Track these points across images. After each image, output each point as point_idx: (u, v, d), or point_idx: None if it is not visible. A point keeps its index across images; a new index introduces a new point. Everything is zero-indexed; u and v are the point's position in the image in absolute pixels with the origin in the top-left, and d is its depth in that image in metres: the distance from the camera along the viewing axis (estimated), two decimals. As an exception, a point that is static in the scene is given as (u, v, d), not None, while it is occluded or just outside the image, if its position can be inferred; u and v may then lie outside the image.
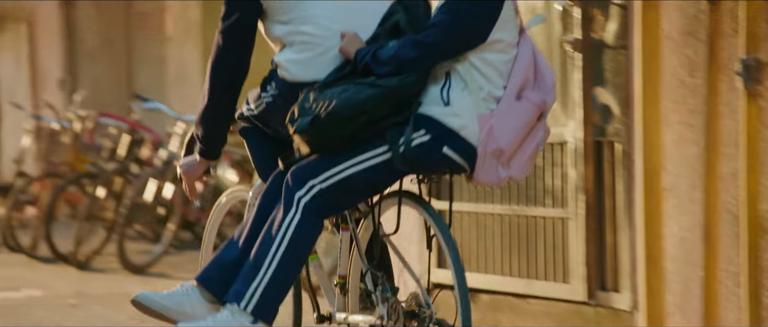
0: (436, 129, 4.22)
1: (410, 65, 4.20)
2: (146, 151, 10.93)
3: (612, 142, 6.24)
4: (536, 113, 4.29)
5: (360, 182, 4.30)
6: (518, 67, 4.27)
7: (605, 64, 6.24)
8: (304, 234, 4.27)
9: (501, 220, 6.86)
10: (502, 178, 4.29)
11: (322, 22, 4.38)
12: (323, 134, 4.22)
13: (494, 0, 4.22)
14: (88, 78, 15.71)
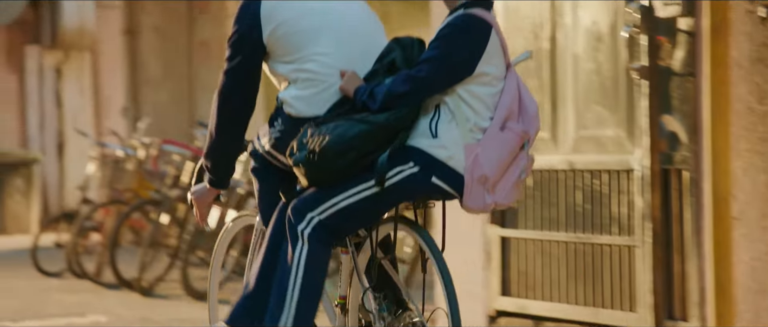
0: (424, 160, 4.45)
1: (403, 99, 4.42)
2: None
3: (679, 170, 6.15)
4: (519, 143, 4.50)
5: (356, 212, 4.52)
6: (504, 100, 4.50)
7: (672, 92, 6.15)
8: (315, 261, 4.50)
9: (566, 248, 6.77)
10: (488, 203, 4.48)
11: (324, 60, 4.59)
12: (318, 168, 4.44)
13: (480, 34, 4.43)
14: (150, 106, 15.77)
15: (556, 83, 6.88)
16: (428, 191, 4.51)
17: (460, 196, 4.49)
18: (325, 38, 4.63)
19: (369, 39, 4.67)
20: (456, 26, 4.46)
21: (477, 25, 4.46)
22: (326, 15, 4.65)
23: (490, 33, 4.48)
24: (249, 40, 4.65)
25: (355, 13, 4.71)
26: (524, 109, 4.55)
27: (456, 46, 4.42)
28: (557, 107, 6.88)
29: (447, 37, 4.44)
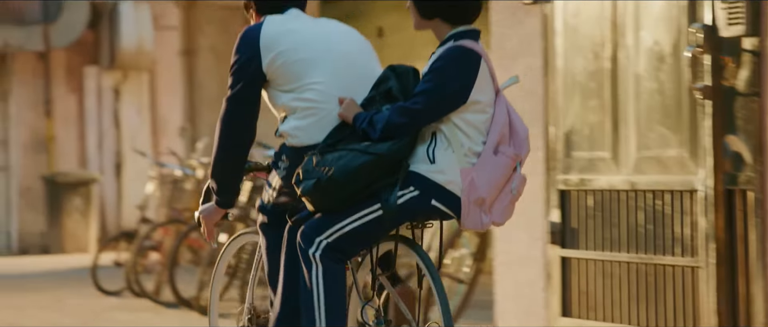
0: (424, 184, 4.70)
1: (401, 129, 4.67)
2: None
3: (744, 191, 6.05)
4: (512, 165, 4.75)
5: (361, 234, 4.77)
6: (495, 125, 4.74)
7: (736, 112, 6.06)
8: (332, 278, 4.75)
9: (628, 269, 6.68)
10: (485, 223, 4.75)
11: (321, 88, 4.81)
12: (325, 196, 4.69)
13: (471, 65, 4.66)
14: (207, 126, 15.79)
15: (618, 103, 6.80)
16: (428, 213, 4.76)
17: (457, 217, 4.74)
18: (322, 67, 4.84)
19: (364, 67, 4.90)
20: (448, 58, 4.68)
21: (468, 57, 4.68)
22: (323, 45, 4.87)
23: (480, 63, 4.70)
24: (249, 69, 4.85)
25: (350, 43, 4.96)
26: (515, 133, 4.78)
27: (449, 78, 4.64)
28: (618, 127, 6.80)
29: (440, 70, 4.65)
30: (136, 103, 19.80)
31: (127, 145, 19.81)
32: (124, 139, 19.79)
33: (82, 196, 18.31)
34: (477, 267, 8.81)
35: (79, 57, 19.34)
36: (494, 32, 7.63)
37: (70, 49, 19.13)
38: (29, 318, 10.42)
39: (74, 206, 18.27)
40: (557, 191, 7.20)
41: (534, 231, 7.34)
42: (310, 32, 4.90)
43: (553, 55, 7.21)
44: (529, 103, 7.36)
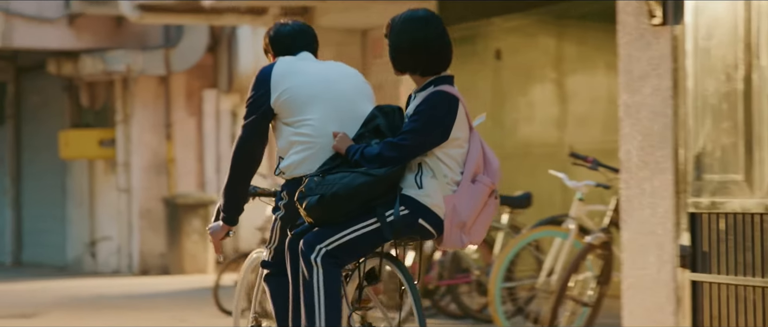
0: (414, 205, 5.33)
1: (392, 162, 5.28)
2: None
3: None
4: (488, 192, 5.37)
5: (357, 244, 5.37)
6: (471, 157, 5.37)
7: None
8: (331, 280, 5.35)
9: (763, 293, 6.48)
10: (464, 243, 5.41)
11: (316, 124, 5.44)
12: (328, 211, 5.30)
13: (451, 108, 5.31)
14: (325, 148, 15.77)
15: (751, 125, 6.62)
16: (414, 230, 5.38)
17: (439, 237, 5.40)
18: (320, 105, 5.47)
19: (356, 105, 5.51)
20: (431, 102, 5.32)
21: (448, 101, 5.33)
22: (323, 85, 5.51)
23: (458, 106, 5.35)
24: (260, 104, 5.51)
25: (349, 84, 5.58)
26: (488, 164, 5.42)
27: (433, 120, 5.28)
28: (752, 149, 6.61)
29: (425, 113, 5.29)
30: (253, 125, 19.91)
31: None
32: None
33: (201, 218, 18.42)
34: (601, 290, 8.66)
35: (199, 80, 19.49)
36: (622, 54, 7.49)
37: (190, 73, 19.28)
38: (154, 337, 10.47)
39: (193, 227, 18.38)
40: (687, 214, 7.02)
41: (663, 254, 7.17)
42: (314, 73, 5.54)
43: (683, 76, 7.05)
44: (658, 125, 7.20)
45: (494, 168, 5.41)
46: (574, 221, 9.00)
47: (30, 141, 22.06)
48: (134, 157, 19.15)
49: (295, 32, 5.72)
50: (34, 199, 22.03)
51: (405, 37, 5.42)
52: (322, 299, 5.31)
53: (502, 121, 13.09)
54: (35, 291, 16.00)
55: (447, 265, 10.67)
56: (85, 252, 20.21)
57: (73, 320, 12.05)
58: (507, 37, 13.06)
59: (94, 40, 18.76)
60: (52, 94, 21.11)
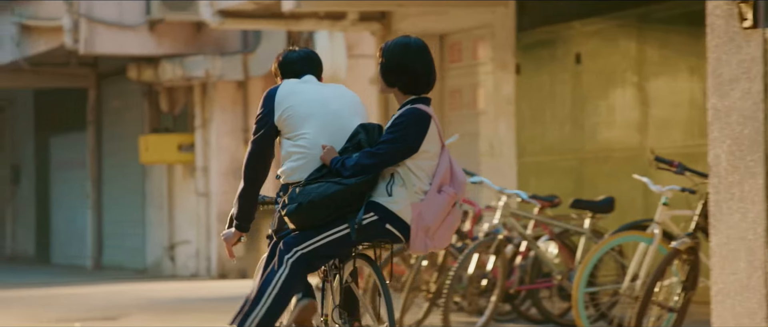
0: (382, 212, 5.96)
1: (368, 169, 5.94)
2: (467, 224, 10.75)
3: None
4: (451, 202, 5.99)
5: (328, 248, 6.02)
6: (439, 170, 5.98)
7: None
8: (288, 284, 6.00)
9: None
10: (428, 247, 6.00)
11: (311, 138, 6.13)
12: (305, 216, 5.98)
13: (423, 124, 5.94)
14: (403, 152, 15.71)
15: None
16: (382, 234, 6.00)
17: (406, 241, 5.99)
18: (314, 121, 6.16)
19: (348, 122, 6.17)
20: (406, 117, 5.97)
21: (421, 117, 5.96)
22: (319, 104, 6.19)
23: (430, 122, 5.98)
24: (266, 121, 6.23)
25: (343, 104, 6.25)
26: (455, 177, 6.03)
27: (406, 133, 5.92)
28: None
29: (400, 126, 5.94)
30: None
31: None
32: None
33: (279, 221, 18.42)
34: (687, 296, 8.52)
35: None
36: (711, 58, 7.35)
37: (268, 78, 19.29)
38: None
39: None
40: (778, 219, 6.87)
41: (754, 259, 7.03)
42: (312, 94, 6.24)
43: (775, 79, 6.90)
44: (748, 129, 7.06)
45: (460, 181, 6.06)
46: (658, 226, 8.86)
47: (110, 146, 22.22)
48: (213, 161, 19.21)
49: (301, 58, 6.46)
50: (115, 203, 22.18)
51: (394, 60, 6.05)
52: (274, 293, 6.00)
53: (582, 124, 12.96)
54: (116, 294, 16.09)
55: (528, 270, 10.57)
56: (164, 255, 20.31)
57: (155, 323, 12.08)
58: (587, 41, 12.92)
59: (173, 45, 18.85)
60: (132, 99, 21.25)
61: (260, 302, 5.97)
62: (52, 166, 25.08)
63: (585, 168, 13.00)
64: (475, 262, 10.25)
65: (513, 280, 10.54)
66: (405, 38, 6.12)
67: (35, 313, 13.05)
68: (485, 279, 10.29)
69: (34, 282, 19.11)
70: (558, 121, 13.28)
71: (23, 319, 12.51)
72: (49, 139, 24.99)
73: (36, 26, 20.05)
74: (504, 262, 10.18)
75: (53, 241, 25.02)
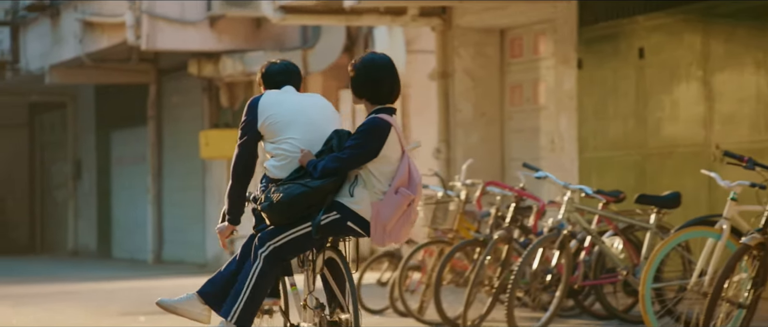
0: (343, 211, 6.68)
1: (333, 172, 6.66)
2: (531, 219, 10.66)
3: None
4: (406, 202, 6.64)
5: (297, 242, 6.78)
6: (399, 174, 6.64)
7: None
8: (264, 276, 6.76)
9: None
10: (386, 241, 6.65)
11: (293, 142, 6.87)
12: (276, 213, 6.74)
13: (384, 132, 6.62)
14: (463, 148, 15.64)
15: None
16: (344, 230, 6.73)
17: (367, 235, 6.68)
18: (294, 128, 6.90)
19: (323, 129, 6.91)
20: (368, 126, 6.65)
21: (382, 126, 6.64)
22: (298, 112, 6.94)
23: (390, 130, 6.64)
24: (250, 127, 6.93)
25: (318, 112, 7.00)
26: (412, 180, 6.67)
27: (367, 140, 6.62)
28: None
29: (362, 133, 6.64)
30: (389, 125, 19.82)
31: (380, 167, 19.85)
32: (377, 161, 19.82)
33: (338, 216, 18.38)
34: (757, 292, 8.39)
35: (335, 81, 19.47)
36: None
37: (327, 73, 19.28)
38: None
39: (330, 226, 18.35)
40: None
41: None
42: (291, 103, 6.97)
43: None
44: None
45: (416, 183, 6.71)
46: (727, 222, 8.73)
47: (170, 141, 22.29)
48: (272, 156, 19.19)
49: (282, 71, 7.16)
50: (175, 197, 22.25)
51: (362, 75, 6.76)
52: (251, 286, 6.76)
53: (645, 120, 12.83)
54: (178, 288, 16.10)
55: (592, 265, 10.47)
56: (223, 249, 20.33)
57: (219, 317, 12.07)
58: (650, 35, 12.78)
59: (233, 41, 18.87)
60: (192, 94, 21.30)
61: (240, 294, 6.77)
62: (113, 161, 25.20)
63: (648, 163, 12.86)
64: (540, 258, 10.16)
65: (577, 276, 10.45)
66: (372, 55, 6.82)
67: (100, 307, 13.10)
68: (549, 274, 10.20)
69: (97, 276, 19.21)
70: (621, 117, 13.14)
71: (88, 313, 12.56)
72: (110, 135, 25.12)
73: (99, 23, 20.13)
74: (569, 258, 10.08)
75: (114, 236, 25.15)
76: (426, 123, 19.62)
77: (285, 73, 7.15)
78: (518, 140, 15.29)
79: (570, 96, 13.83)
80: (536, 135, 14.82)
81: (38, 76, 22.97)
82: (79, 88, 25.79)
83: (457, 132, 15.65)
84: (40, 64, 22.72)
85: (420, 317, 11.07)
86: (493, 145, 15.55)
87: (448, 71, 15.71)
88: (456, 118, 15.65)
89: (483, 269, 10.43)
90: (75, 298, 14.92)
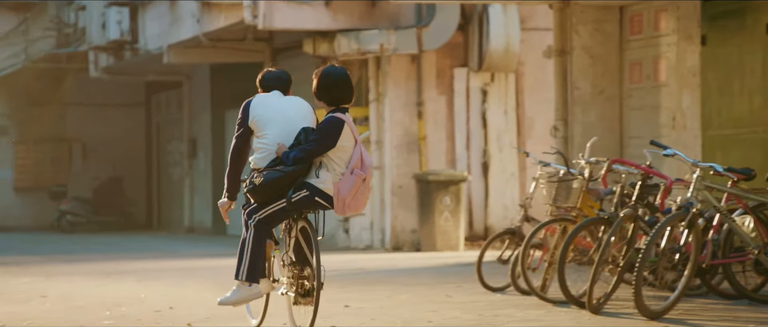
0: (312, 189, 8.43)
1: (301, 160, 8.40)
2: (658, 197, 10.37)
3: None
4: (360, 180, 8.43)
5: (276, 214, 8.55)
6: (352, 159, 8.44)
7: None
8: (257, 238, 8.52)
9: None
10: (346, 211, 8.45)
11: (271, 137, 8.53)
12: (258, 194, 8.50)
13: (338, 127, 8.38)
14: (582, 126, 15.36)
15: None
16: (313, 205, 8.48)
17: (331, 208, 8.45)
18: (273, 125, 8.55)
19: (297, 125, 8.55)
20: (326, 123, 8.44)
21: (337, 123, 8.42)
22: (278, 112, 8.58)
23: (343, 126, 8.41)
24: (243, 123, 8.63)
25: (297, 112, 8.63)
26: (364, 163, 8.48)
27: (327, 134, 8.42)
28: None
29: (323, 129, 8.44)
30: (502, 103, 19.59)
31: (494, 145, 19.62)
32: (491, 139, 19.61)
33: (452, 195, 18.22)
34: None
35: (449, 59, 19.29)
36: None
37: (441, 52, 19.10)
38: (429, 313, 10.28)
39: (444, 204, 18.20)
40: None
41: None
42: (274, 104, 8.61)
43: None
44: None
45: (367, 165, 8.51)
46: None
47: (284, 119, 22.26)
48: (386, 134, 19.08)
49: (274, 78, 8.80)
50: (289, 175, 22.21)
51: (322, 83, 8.52)
52: (250, 249, 8.53)
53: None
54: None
55: (721, 244, 10.17)
56: (339, 228, 20.28)
57: (340, 294, 12.00)
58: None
59: (349, 20, 18.75)
60: (306, 73, 21.20)
61: (244, 258, 8.54)
62: (228, 139, 25.25)
63: (775, 140, 12.50)
64: (667, 236, 9.88)
65: (705, 255, 10.15)
66: (330, 68, 8.59)
67: (220, 282, 13.07)
68: (677, 253, 9.91)
69: (214, 253, 19.27)
70: (747, 93, 12.78)
71: (214, 288, 12.55)
72: (225, 113, 25.18)
73: (216, 3, 20.15)
74: (698, 236, 9.78)
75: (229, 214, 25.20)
76: (540, 101, 19.37)
77: (277, 79, 8.82)
78: (637, 118, 14.97)
79: (693, 72, 13.49)
80: (656, 112, 14.49)
81: (156, 56, 23.10)
82: (194, 67, 25.90)
83: (574, 110, 15.37)
84: (158, 44, 22.84)
85: (543, 295, 10.86)
86: (611, 122, 15.25)
87: (566, 49, 15.42)
88: (574, 95, 15.36)
89: (608, 248, 10.17)
90: (197, 274, 14.95)
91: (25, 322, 10.08)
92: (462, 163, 19.36)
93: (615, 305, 10.24)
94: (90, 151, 30.59)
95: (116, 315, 10.49)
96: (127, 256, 19.01)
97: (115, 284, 13.61)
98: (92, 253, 20.09)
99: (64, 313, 10.69)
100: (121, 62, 25.07)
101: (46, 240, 25.14)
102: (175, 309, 10.86)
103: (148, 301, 11.65)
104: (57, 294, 12.49)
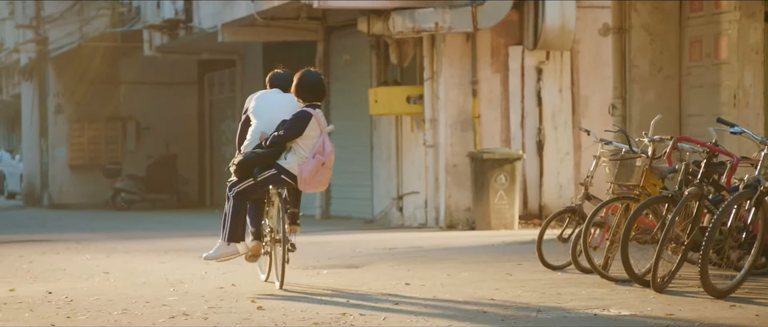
0: (280, 169, 10.35)
1: (276, 145, 10.31)
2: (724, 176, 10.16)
3: None
4: (320, 163, 10.31)
5: (251, 188, 10.44)
6: (316, 146, 10.31)
7: None
8: (237, 208, 10.45)
9: None
10: (307, 188, 10.41)
11: (260, 126, 10.46)
12: (239, 170, 10.45)
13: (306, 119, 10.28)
14: (639, 104, 15.14)
15: None
16: (280, 182, 10.34)
17: (295, 185, 10.32)
18: (263, 115, 10.50)
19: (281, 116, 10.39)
20: (297, 116, 10.31)
21: (305, 116, 10.30)
22: (268, 106, 10.53)
23: (311, 119, 10.28)
24: (245, 112, 10.64)
25: (282, 103, 10.51)
26: (325, 149, 10.31)
27: (295, 125, 10.30)
28: None
29: (292, 121, 10.30)
30: (557, 82, 19.38)
31: (548, 124, 19.42)
32: (545, 118, 19.41)
33: (507, 173, 18.05)
34: None
35: (504, 37, 19.09)
36: None
37: (496, 30, 18.90)
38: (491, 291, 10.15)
39: (499, 183, 18.04)
40: None
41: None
42: (269, 100, 10.59)
43: None
44: None
45: (328, 151, 10.30)
46: None
47: (338, 99, 22.16)
48: (441, 113, 18.92)
49: (279, 78, 10.75)
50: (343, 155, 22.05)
51: (300, 82, 10.37)
52: (230, 216, 10.44)
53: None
54: (351, 243, 15.97)
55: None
56: (392, 206, 20.16)
57: (399, 271, 11.88)
58: None
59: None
60: (360, 52, 21.10)
61: (227, 225, 10.45)
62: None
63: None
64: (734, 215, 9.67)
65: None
66: (308, 72, 10.41)
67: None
68: (744, 232, 9.71)
69: (269, 230, 19.18)
70: (812, 71, 12.54)
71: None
72: (278, 92, 25.09)
73: (270, -19, 20.05)
74: (765, 215, 9.58)
75: (282, 192, 25.14)
76: (596, 79, 19.14)
77: (281, 79, 10.75)
78: (697, 96, 14.73)
79: (756, 50, 13.24)
80: (717, 90, 14.25)
81: (210, 35, 23.03)
82: (247, 46, 25.83)
83: (632, 88, 15.15)
84: (212, 23, 22.77)
85: (605, 273, 10.70)
86: (670, 101, 15.02)
87: (624, 26, 15.19)
88: (632, 74, 15.14)
89: (672, 226, 9.99)
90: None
91: (93, 298, 10.05)
92: (516, 141, 19.18)
93: (678, 284, 10.06)
94: (144, 129, 30.62)
95: (180, 292, 10.44)
96: (184, 233, 18.98)
97: (175, 261, 13.57)
98: (149, 230, 20.09)
99: (130, 289, 10.65)
100: (175, 41, 25.03)
101: (102, 217, 25.20)
102: (237, 286, 10.79)
103: (210, 278, 11.59)
104: (119, 271, 12.46)
